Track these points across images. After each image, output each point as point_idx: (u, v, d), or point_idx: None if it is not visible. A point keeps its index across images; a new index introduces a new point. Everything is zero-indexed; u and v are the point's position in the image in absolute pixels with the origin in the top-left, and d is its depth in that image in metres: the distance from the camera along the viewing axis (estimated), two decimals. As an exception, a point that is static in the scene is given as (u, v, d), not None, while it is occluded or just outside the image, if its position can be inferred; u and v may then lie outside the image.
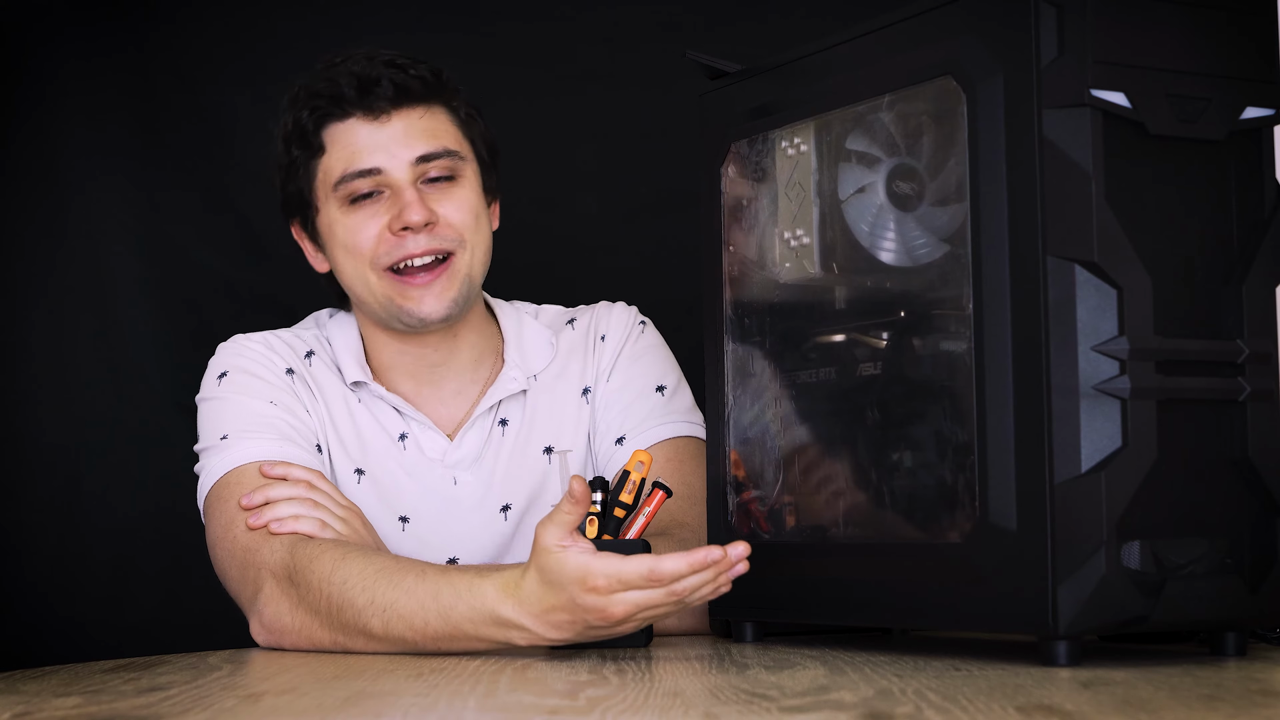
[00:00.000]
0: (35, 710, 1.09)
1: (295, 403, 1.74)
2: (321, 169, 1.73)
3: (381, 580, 1.48)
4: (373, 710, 1.08)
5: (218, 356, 1.78)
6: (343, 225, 1.72)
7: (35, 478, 2.37)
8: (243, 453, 1.68)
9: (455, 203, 1.72)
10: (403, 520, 1.76)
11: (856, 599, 1.40)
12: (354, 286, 1.74)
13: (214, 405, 1.74)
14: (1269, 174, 1.31)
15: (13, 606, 2.35)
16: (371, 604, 1.47)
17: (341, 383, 1.78)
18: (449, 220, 1.71)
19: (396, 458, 1.77)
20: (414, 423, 1.78)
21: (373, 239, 1.70)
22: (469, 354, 1.81)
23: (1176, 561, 1.25)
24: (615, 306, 1.87)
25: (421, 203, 1.69)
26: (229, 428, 1.70)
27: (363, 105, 1.70)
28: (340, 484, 1.75)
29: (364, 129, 1.70)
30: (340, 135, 1.71)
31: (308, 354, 1.79)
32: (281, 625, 1.57)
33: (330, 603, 1.51)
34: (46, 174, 2.38)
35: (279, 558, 1.58)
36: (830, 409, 1.46)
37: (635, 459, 1.52)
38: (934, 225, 1.36)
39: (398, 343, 1.78)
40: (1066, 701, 1.04)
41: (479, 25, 2.42)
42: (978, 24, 1.28)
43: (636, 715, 1.02)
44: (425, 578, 1.46)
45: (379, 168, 1.70)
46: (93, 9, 2.38)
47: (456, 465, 1.78)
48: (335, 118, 1.71)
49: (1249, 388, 1.27)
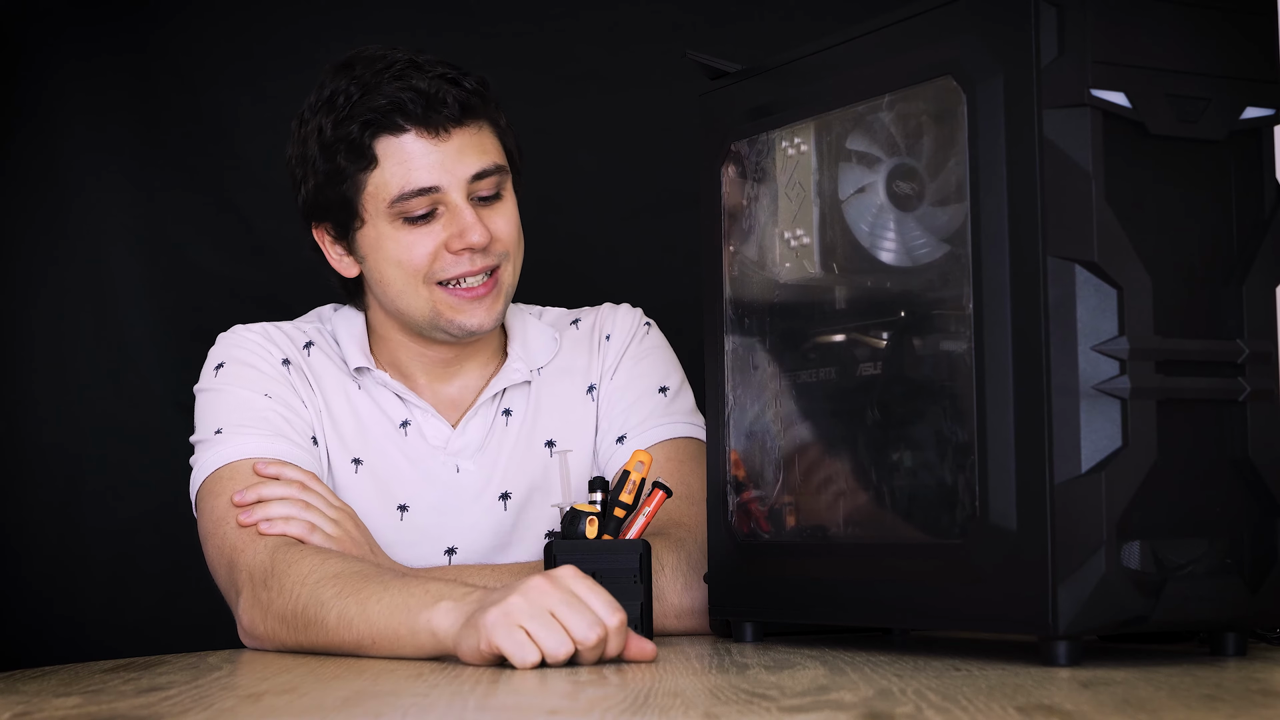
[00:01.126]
0: (35, 710, 1.09)
1: (291, 395, 1.74)
2: (372, 182, 1.69)
3: (346, 589, 1.48)
4: (373, 710, 1.08)
5: (216, 347, 1.78)
6: (395, 241, 1.70)
7: (35, 478, 2.37)
8: (236, 448, 1.68)
9: (504, 218, 1.73)
10: (401, 509, 1.77)
11: (856, 599, 1.40)
12: (398, 298, 1.73)
13: (210, 397, 1.74)
14: (1269, 174, 1.31)
15: (12, 607, 2.35)
16: (339, 617, 1.47)
17: (341, 372, 1.78)
18: (499, 236, 1.72)
19: (398, 444, 1.78)
20: (416, 409, 1.79)
21: (428, 256, 1.70)
22: (484, 353, 1.82)
23: (1176, 561, 1.25)
24: (620, 307, 1.88)
25: (481, 223, 1.69)
26: (223, 421, 1.71)
27: (425, 122, 1.67)
28: (337, 474, 1.75)
29: (420, 144, 1.68)
30: (395, 150, 1.68)
31: (306, 344, 1.79)
32: (256, 632, 1.58)
33: (295, 610, 1.52)
34: (46, 174, 2.38)
35: (260, 561, 1.59)
36: (830, 409, 1.46)
37: (635, 459, 1.52)
38: (934, 225, 1.36)
39: (419, 345, 1.78)
40: (1066, 701, 1.04)
41: (479, 25, 2.42)
42: (978, 24, 1.28)
43: (636, 715, 1.02)
44: (387, 587, 1.45)
45: (437, 186, 1.68)
46: (93, 9, 2.38)
47: (459, 453, 1.78)
48: (390, 131, 1.68)
49: (1249, 388, 1.27)
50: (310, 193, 1.74)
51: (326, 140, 1.70)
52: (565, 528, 1.53)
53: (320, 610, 1.49)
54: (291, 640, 1.53)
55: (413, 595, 1.42)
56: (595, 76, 2.43)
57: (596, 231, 2.44)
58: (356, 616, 1.45)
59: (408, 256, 1.70)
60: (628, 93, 2.42)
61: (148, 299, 2.39)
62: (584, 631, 1.29)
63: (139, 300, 2.39)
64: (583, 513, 1.52)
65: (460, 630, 1.34)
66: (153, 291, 2.39)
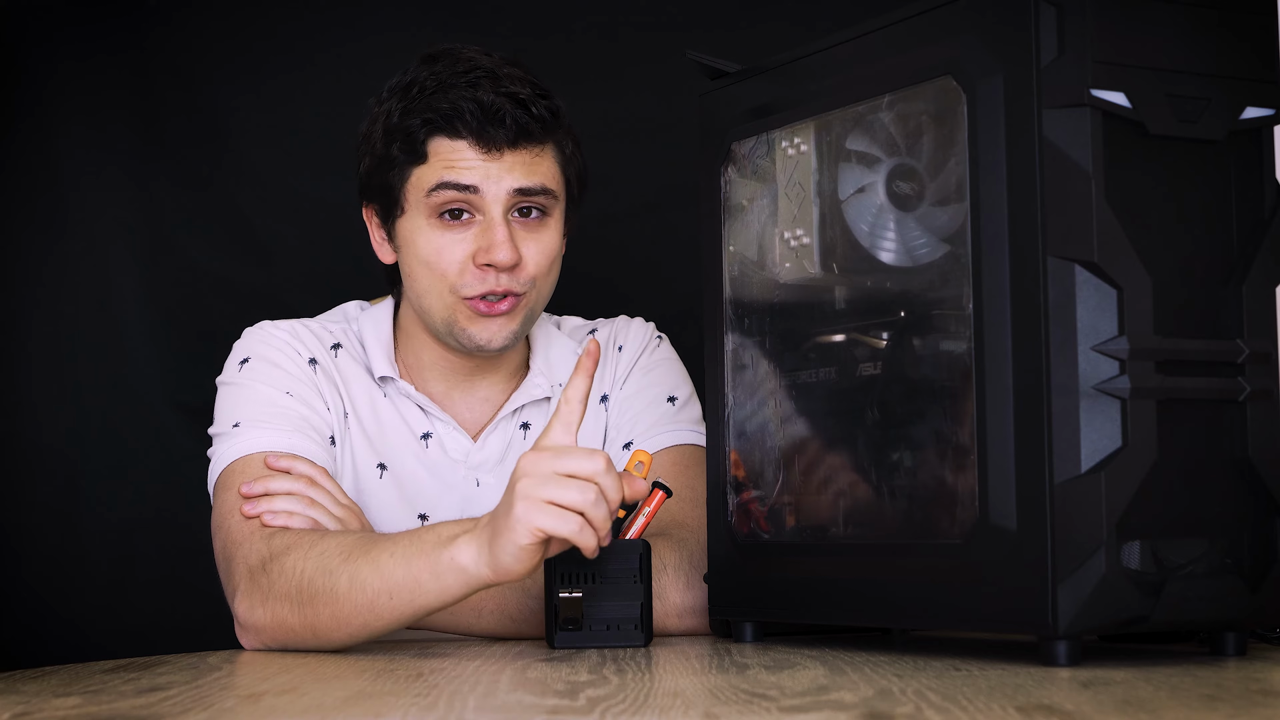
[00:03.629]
0: (35, 710, 1.09)
1: (313, 395, 1.74)
2: (416, 175, 1.70)
3: (355, 551, 1.49)
4: (373, 710, 1.08)
5: (242, 341, 1.78)
6: (427, 239, 1.70)
7: (34, 479, 2.37)
8: (252, 441, 1.68)
9: (540, 244, 1.71)
10: (422, 518, 1.77)
11: (856, 599, 1.40)
12: (423, 298, 1.73)
13: (232, 390, 1.74)
14: (1269, 174, 1.31)
15: (12, 607, 2.35)
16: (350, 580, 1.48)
17: (367, 377, 1.79)
18: (529, 261, 1.71)
19: (419, 455, 1.78)
20: (439, 422, 1.79)
21: (456, 265, 1.69)
22: (508, 368, 1.82)
23: (1176, 561, 1.25)
24: (634, 321, 1.90)
25: (511, 242, 1.68)
26: (243, 415, 1.71)
27: (479, 135, 1.67)
28: (361, 477, 1.76)
29: (471, 154, 1.68)
30: (446, 151, 1.68)
31: (334, 346, 1.79)
32: (255, 621, 1.56)
33: (301, 585, 1.51)
34: (45, 172, 2.38)
35: (257, 550, 1.58)
36: (830, 409, 1.46)
37: (635, 459, 1.52)
38: (934, 225, 1.36)
39: (441, 349, 1.78)
40: (1066, 701, 1.04)
41: (479, 25, 2.42)
42: (978, 24, 1.28)
43: (636, 715, 1.02)
44: (397, 542, 1.48)
45: (477, 186, 1.67)
46: (91, 7, 2.38)
47: (479, 467, 1.79)
48: (446, 134, 1.68)
49: (1249, 388, 1.27)
50: (365, 172, 1.75)
51: (390, 126, 1.71)
52: (565, 527, 1.53)
53: (329, 579, 1.49)
54: (297, 619, 1.52)
55: (425, 541, 1.45)
56: (594, 76, 2.43)
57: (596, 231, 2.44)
58: (370, 575, 1.46)
59: (437, 260, 1.70)
60: (627, 92, 2.42)
61: (147, 298, 2.39)
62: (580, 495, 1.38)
63: (138, 299, 2.38)
64: (583, 513, 1.52)
65: (489, 553, 1.40)
66: (152, 291, 2.39)
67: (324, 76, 2.42)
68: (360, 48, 2.41)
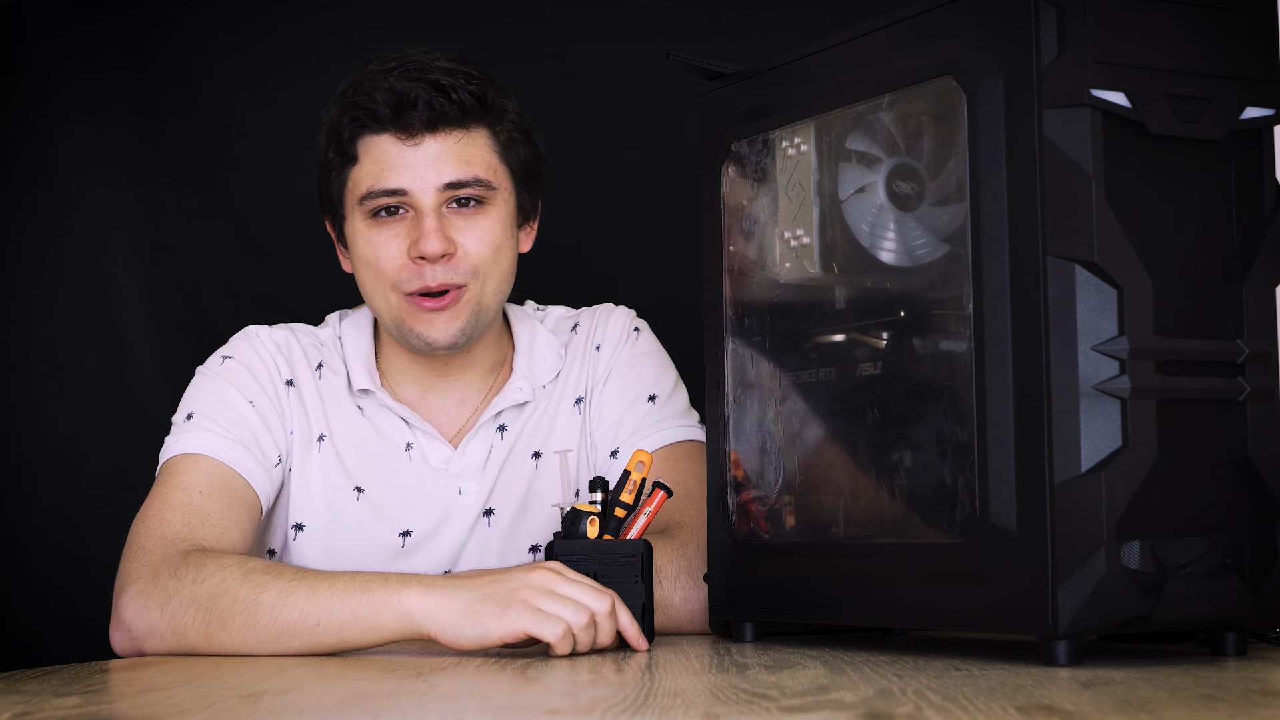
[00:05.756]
0: (35, 710, 1.09)
1: (274, 414, 1.74)
2: (352, 179, 1.70)
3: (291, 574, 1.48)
4: (372, 710, 1.08)
5: (233, 340, 1.79)
6: (365, 239, 1.70)
7: (34, 479, 2.37)
8: (195, 442, 1.69)
9: (477, 233, 1.69)
10: (404, 535, 1.76)
11: (856, 599, 1.40)
12: (373, 299, 1.73)
13: (201, 380, 1.76)
14: (1269, 174, 1.31)
15: (12, 607, 2.35)
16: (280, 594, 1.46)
17: (348, 394, 1.78)
18: (467, 251, 1.69)
19: (401, 468, 1.77)
20: (419, 433, 1.78)
21: (394, 260, 1.69)
22: (480, 367, 1.81)
23: (1176, 561, 1.25)
24: (614, 313, 1.87)
25: (440, 233, 1.66)
26: (198, 408, 1.72)
27: (396, 124, 1.67)
28: (337, 500, 1.75)
29: (395, 147, 1.68)
30: (372, 149, 1.69)
31: (319, 365, 1.79)
32: (143, 624, 1.52)
33: (216, 594, 1.48)
34: (45, 172, 2.38)
35: (174, 555, 1.55)
36: (830, 409, 1.46)
37: (635, 459, 1.52)
38: (934, 225, 1.36)
39: (407, 353, 1.78)
40: (1066, 701, 1.04)
41: (477, 24, 2.42)
42: (978, 24, 1.28)
43: (636, 715, 1.02)
44: (338, 577, 1.46)
45: (404, 189, 1.67)
46: (91, 6, 2.38)
47: (461, 475, 1.77)
48: (370, 130, 1.68)
49: (1249, 388, 1.27)
50: (316, 183, 1.76)
51: (328, 131, 1.73)
52: (566, 528, 1.53)
53: (255, 592, 1.46)
54: (196, 629, 1.48)
55: (371, 581, 1.45)
56: (593, 75, 2.43)
57: (595, 230, 2.44)
58: (304, 598, 1.45)
59: (374, 258, 1.70)
60: (626, 92, 2.42)
61: (146, 298, 2.39)
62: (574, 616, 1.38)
63: (138, 298, 2.38)
64: (584, 513, 1.52)
65: (449, 614, 1.40)
66: (152, 290, 2.39)
67: (324, 76, 2.41)
68: (360, 48, 2.40)
